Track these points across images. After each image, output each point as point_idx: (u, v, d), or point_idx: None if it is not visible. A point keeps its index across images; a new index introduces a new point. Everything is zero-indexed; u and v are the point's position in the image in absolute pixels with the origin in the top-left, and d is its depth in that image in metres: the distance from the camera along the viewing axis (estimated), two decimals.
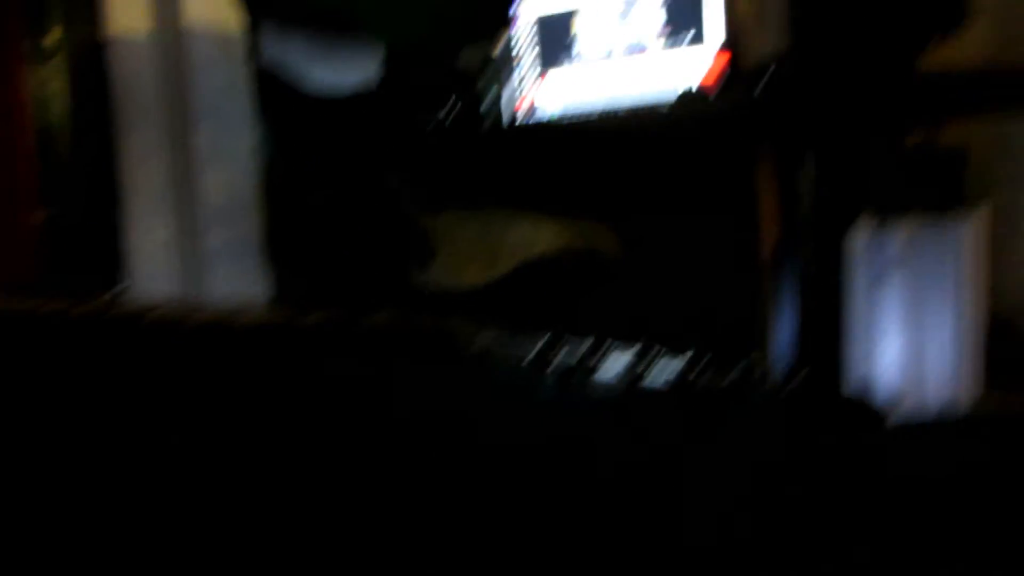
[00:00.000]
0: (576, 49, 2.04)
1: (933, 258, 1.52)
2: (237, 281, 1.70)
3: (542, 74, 2.09)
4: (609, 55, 2.01)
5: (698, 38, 1.89)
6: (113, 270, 1.55)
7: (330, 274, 1.64)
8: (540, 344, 0.50)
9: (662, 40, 1.94)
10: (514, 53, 2.08)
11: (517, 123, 2.01)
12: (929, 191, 1.57)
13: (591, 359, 0.43)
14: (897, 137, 1.86)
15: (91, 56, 1.58)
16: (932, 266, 1.53)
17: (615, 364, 0.44)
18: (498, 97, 1.95)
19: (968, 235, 1.47)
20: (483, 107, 1.97)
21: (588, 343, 0.45)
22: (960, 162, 1.54)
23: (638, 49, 1.97)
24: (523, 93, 2.10)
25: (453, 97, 2.07)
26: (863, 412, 0.39)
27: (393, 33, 2.19)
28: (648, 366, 0.43)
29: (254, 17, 1.39)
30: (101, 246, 1.58)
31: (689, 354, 0.43)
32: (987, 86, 1.47)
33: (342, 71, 1.66)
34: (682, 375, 0.41)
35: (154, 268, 1.63)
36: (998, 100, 1.61)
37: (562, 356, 0.46)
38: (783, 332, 1.64)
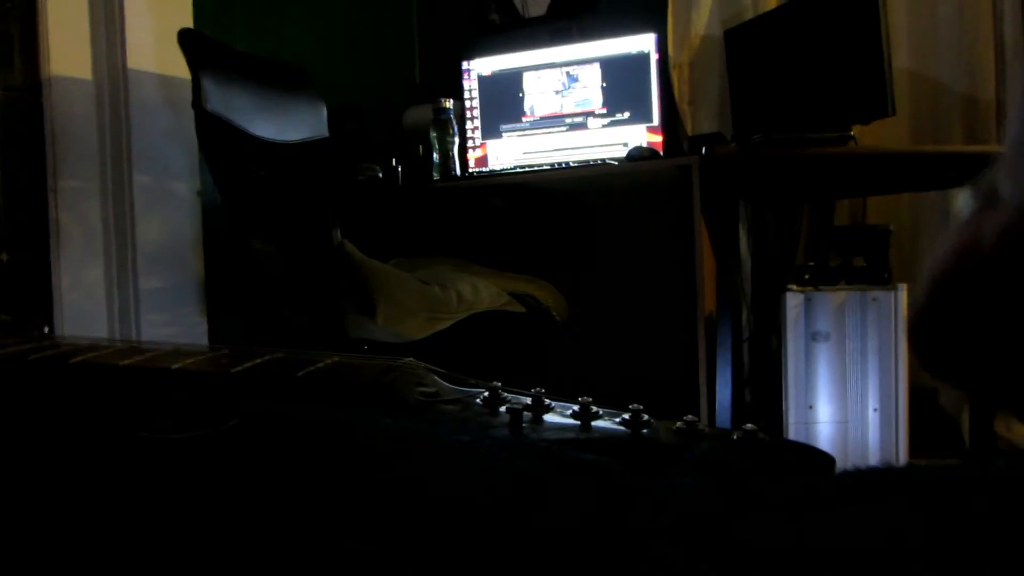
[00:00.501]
0: (522, 110, 2.11)
1: (859, 328, 1.59)
2: (172, 326, 1.64)
3: (489, 132, 2.14)
4: (553, 120, 2.08)
5: (635, 118, 1.98)
6: (38, 313, 1.49)
7: (269, 321, 1.60)
8: (485, 393, 0.49)
9: (600, 118, 2.02)
10: (465, 107, 2.13)
11: (463, 176, 2.04)
12: (855, 264, 1.65)
13: (538, 409, 0.43)
14: (826, 212, 1.96)
15: (28, 95, 1.54)
16: (859, 336, 1.60)
17: (560, 415, 0.44)
18: (445, 152, 1.98)
19: (893, 308, 1.55)
20: (431, 160, 1.99)
21: (533, 394, 0.45)
22: (884, 238, 1.63)
23: (579, 123, 2.04)
24: (471, 147, 2.14)
25: (400, 150, 2.09)
26: (809, 459, 0.40)
27: (341, 87, 2.21)
28: (592, 418, 0.43)
29: (197, 65, 1.38)
30: (28, 291, 1.52)
31: (633, 408, 0.43)
32: (907, 166, 1.57)
33: (287, 122, 1.66)
34: (628, 425, 0.41)
35: (86, 310, 1.57)
36: (918, 180, 1.71)
37: (508, 405, 0.46)
38: (720, 391, 1.67)
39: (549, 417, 0.49)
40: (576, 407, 0.50)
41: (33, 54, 1.55)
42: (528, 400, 0.50)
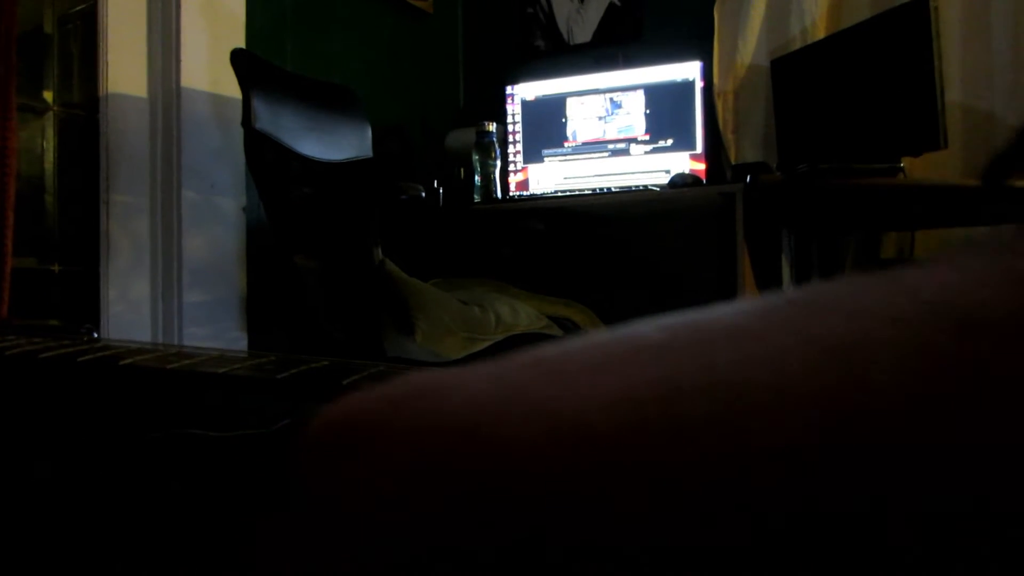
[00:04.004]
0: (564, 135, 2.11)
1: None
2: (213, 340, 1.66)
3: (530, 156, 2.15)
4: (595, 146, 2.08)
5: (678, 146, 1.97)
6: (86, 324, 1.51)
7: (308, 336, 1.61)
8: None
9: (643, 144, 2.01)
10: (508, 131, 2.14)
11: (504, 199, 2.05)
12: None
13: None
14: (873, 244, 1.92)
15: (84, 111, 1.59)
16: None
17: None
18: (487, 175, 1.99)
19: None
20: (473, 183, 2.01)
21: None
22: None
23: (621, 149, 2.04)
24: (513, 170, 2.15)
25: (442, 172, 2.11)
26: None
27: (386, 109, 2.24)
28: None
29: (248, 85, 1.41)
30: (77, 301, 1.55)
31: None
32: (958, 201, 1.53)
33: (333, 141, 1.68)
34: None
35: (131, 321, 1.60)
36: (969, 215, 1.66)
37: None
38: None
39: None
40: None
41: (92, 71, 1.60)
42: None
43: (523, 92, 2.16)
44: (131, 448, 0.38)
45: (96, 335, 0.68)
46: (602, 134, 2.08)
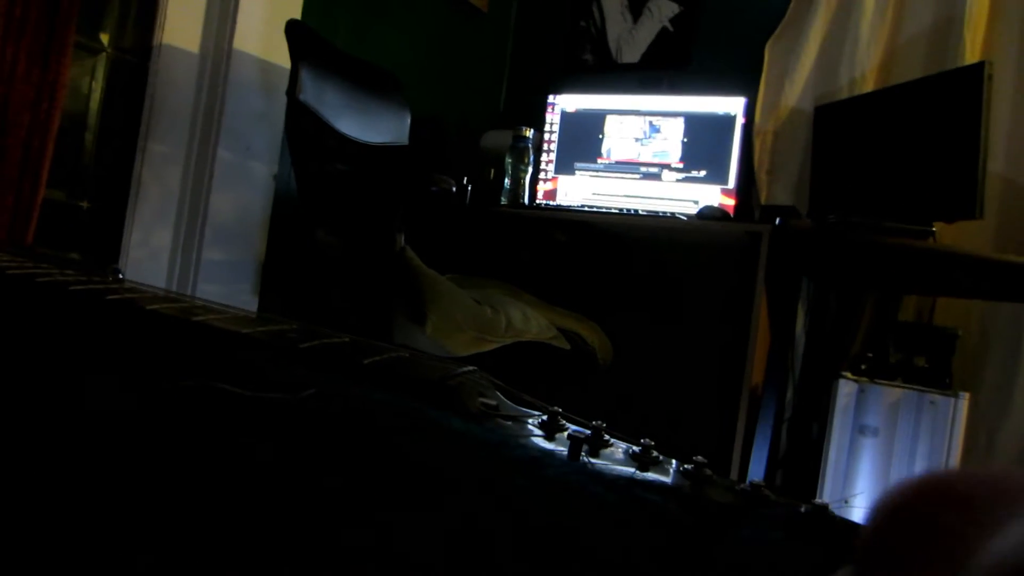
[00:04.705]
0: (599, 151, 2.11)
1: (912, 430, 1.53)
2: (225, 299, 1.67)
3: (563, 167, 2.15)
4: (628, 167, 2.08)
5: (710, 178, 1.97)
6: (106, 261, 1.53)
7: (318, 310, 1.62)
8: (543, 417, 0.48)
9: (676, 172, 2.01)
10: (544, 139, 2.14)
11: (530, 206, 2.05)
12: (916, 364, 1.60)
13: (596, 442, 0.42)
14: (892, 304, 1.91)
15: (136, 58, 1.60)
16: (910, 438, 1.54)
17: (618, 452, 0.43)
18: (517, 179, 2.00)
19: (949, 415, 1.49)
20: (502, 185, 2.01)
21: (593, 425, 0.43)
22: (951, 342, 1.58)
23: (653, 173, 2.04)
24: (543, 179, 2.16)
25: (473, 170, 2.12)
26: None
27: (427, 99, 2.25)
28: (652, 462, 0.41)
29: (299, 56, 1.42)
30: (100, 239, 1.56)
31: (697, 460, 0.42)
32: (987, 273, 1.52)
33: (372, 123, 1.69)
34: (690, 476, 0.40)
35: (149, 268, 1.61)
36: (996, 289, 1.66)
37: (567, 432, 0.45)
38: (754, 467, 1.62)
39: (607, 452, 0.47)
40: (637, 448, 0.48)
41: (149, 20, 1.62)
42: (587, 431, 0.49)
43: (564, 103, 2.17)
44: (162, 393, 0.38)
45: (122, 275, 0.68)
46: (637, 156, 2.09)
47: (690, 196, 2.00)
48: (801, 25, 2.06)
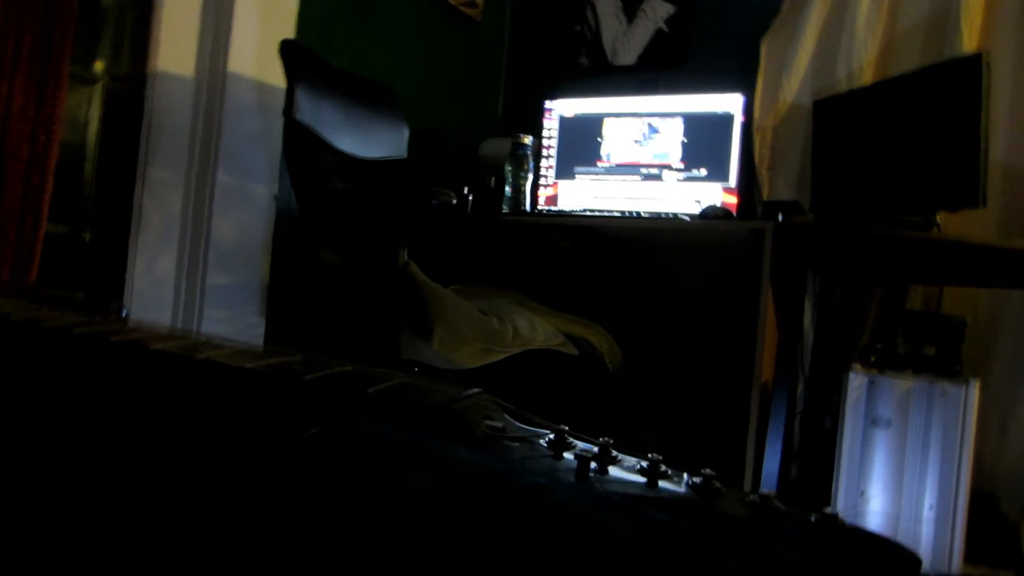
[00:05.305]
0: (599, 154, 2.11)
1: (924, 420, 1.52)
2: (232, 323, 1.67)
3: (563, 172, 2.15)
4: (628, 169, 2.08)
5: (711, 177, 1.97)
6: (111, 294, 1.53)
7: (324, 330, 1.62)
8: (550, 436, 0.48)
9: (676, 172, 2.01)
10: (543, 145, 2.14)
11: (532, 212, 2.05)
12: (926, 353, 1.59)
13: (604, 459, 0.42)
14: (899, 295, 1.90)
15: (131, 86, 1.61)
16: (922, 428, 1.53)
17: (626, 469, 0.42)
18: (518, 186, 2.00)
19: (960, 403, 1.48)
20: (503, 193, 2.01)
21: (600, 443, 0.43)
22: (959, 330, 1.57)
23: (654, 174, 2.04)
24: (543, 185, 2.15)
25: (473, 179, 2.12)
26: (894, 555, 0.37)
27: (424, 111, 2.26)
28: (660, 476, 0.41)
29: (294, 76, 1.42)
30: (104, 270, 1.57)
31: (705, 473, 0.42)
32: (992, 261, 1.51)
33: (370, 139, 1.69)
34: (698, 490, 0.39)
35: (154, 297, 1.62)
36: (1002, 276, 1.65)
37: (575, 452, 0.45)
38: (768, 463, 1.62)
39: (615, 469, 0.47)
40: (644, 463, 0.48)
41: (143, 48, 1.62)
42: (595, 449, 0.48)
43: (562, 108, 2.17)
44: (170, 440, 0.38)
45: (125, 312, 0.69)
46: (637, 158, 2.08)
47: (692, 196, 1.99)
48: (797, 19, 2.06)
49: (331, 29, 1.94)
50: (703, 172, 2.00)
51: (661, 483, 0.47)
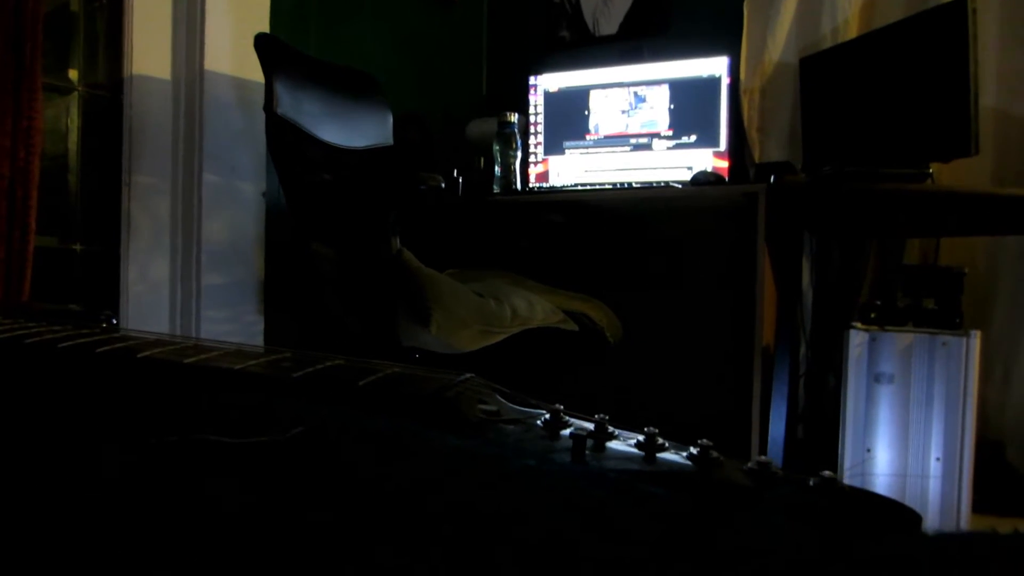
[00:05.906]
0: (587, 128, 2.09)
1: (926, 373, 1.52)
2: (230, 323, 1.67)
3: (551, 148, 2.14)
4: (617, 140, 2.06)
5: (701, 142, 1.95)
6: (106, 303, 1.53)
7: (322, 323, 1.62)
8: (546, 416, 0.48)
9: (666, 140, 1.99)
10: (530, 122, 2.13)
11: (524, 191, 2.04)
12: (925, 306, 1.59)
13: (600, 436, 0.42)
14: (896, 249, 1.89)
15: (109, 92, 1.60)
16: (925, 381, 1.53)
17: (624, 444, 0.42)
18: (507, 165, 1.98)
19: (962, 354, 1.48)
20: (493, 173, 2.00)
21: (596, 420, 0.43)
22: (958, 281, 1.56)
23: (643, 144, 2.02)
24: (533, 162, 2.14)
25: (462, 161, 2.10)
26: (894, 513, 0.37)
27: (407, 96, 2.24)
28: (658, 450, 0.41)
29: (271, 69, 1.41)
30: (97, 280, 1.56)
31: (702, 443, 0.41)
32: (987, 209, 1.50)
33: (354, 128, 1.68)
34: (696, 460, 0.39)
35: (150, 303, 1.61)
36: (998, 224, 1.64)
37: (570, 430, 0.44)
38: (774, 426, 1.62)
39: (612, 445, 0.47)
40: (641, 437, 0.47)
41: (117, 53, 1.61)
42: (591, 426, 0.48)
43: (546, 83, 2.15)
44: (147, 450, 0.38)
45: (115, 321, 0.68)
46: (625, 128, 2.07)
47: (683, 163, 1.98)
48: None
49: (306, 20, 1.92)
50: (692, 138, 1.98)
51: (659, 456, 0.46)
